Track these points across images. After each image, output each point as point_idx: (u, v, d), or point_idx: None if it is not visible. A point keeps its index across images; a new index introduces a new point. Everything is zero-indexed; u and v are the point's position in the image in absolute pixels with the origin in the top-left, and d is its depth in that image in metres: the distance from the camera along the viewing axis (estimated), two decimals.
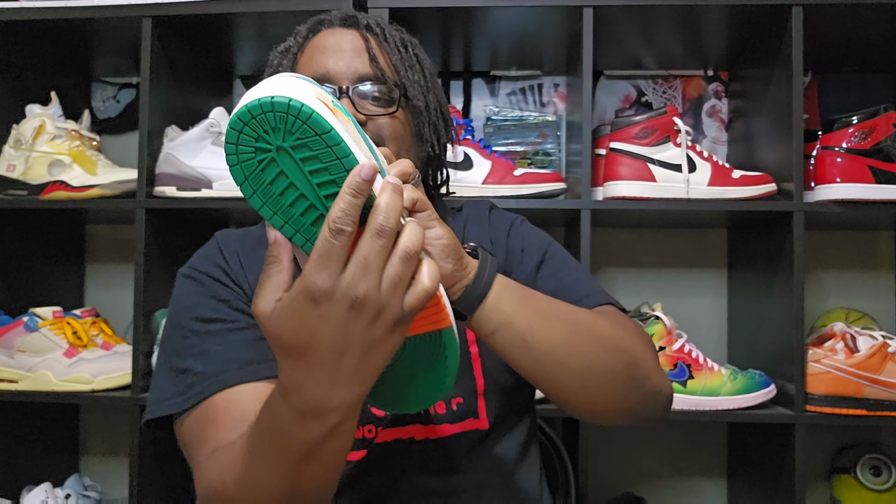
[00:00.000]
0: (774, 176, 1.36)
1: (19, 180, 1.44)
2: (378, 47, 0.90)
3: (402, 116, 0.89)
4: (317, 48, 0.90)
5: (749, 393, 1.30)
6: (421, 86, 0.92)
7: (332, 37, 0.90)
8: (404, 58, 0.92)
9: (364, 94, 0.87)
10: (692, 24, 1.40)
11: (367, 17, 0.93)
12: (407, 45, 0.94)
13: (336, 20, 0.92)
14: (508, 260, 0.94)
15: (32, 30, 1.45)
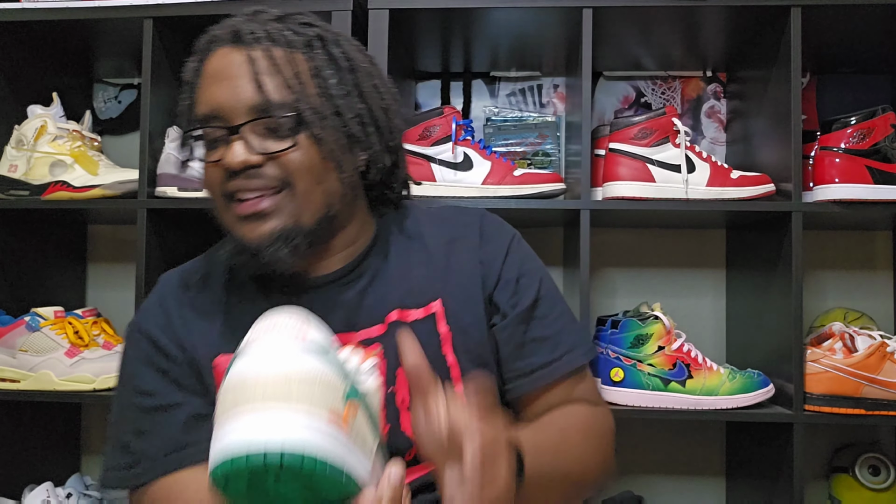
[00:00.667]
0: (773, 176, 1.36)
1: (21, 181, 1.44)
2: (270, 65, 0.79)
3: (307, 144, 0.80)
4: (209, 76, 0.81)
5: (748, 392, 1.31)
6: (335, 94, 0.82)
7: (223, 61, 0.81)
8: (310, 69, 0.81)
9: (258, 131, 0.79)
10: (691, 25, 1.40)
11: (260, 25, 0.81)
12: (312, 44, 0.83)
13: (226, 38, 0.81)
14: (499, 288, 0.90)
15: (34, 30, 1.46)
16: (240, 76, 0.79)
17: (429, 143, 1.38)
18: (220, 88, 0.79)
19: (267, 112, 0.78)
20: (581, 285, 1.29)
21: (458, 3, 1.34)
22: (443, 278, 0.89)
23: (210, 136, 0.81)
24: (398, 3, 1.34)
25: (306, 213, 0.81)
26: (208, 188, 0.83)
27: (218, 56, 0.81)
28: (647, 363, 1.33)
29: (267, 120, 0.79)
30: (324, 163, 0.81)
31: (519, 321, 0.89)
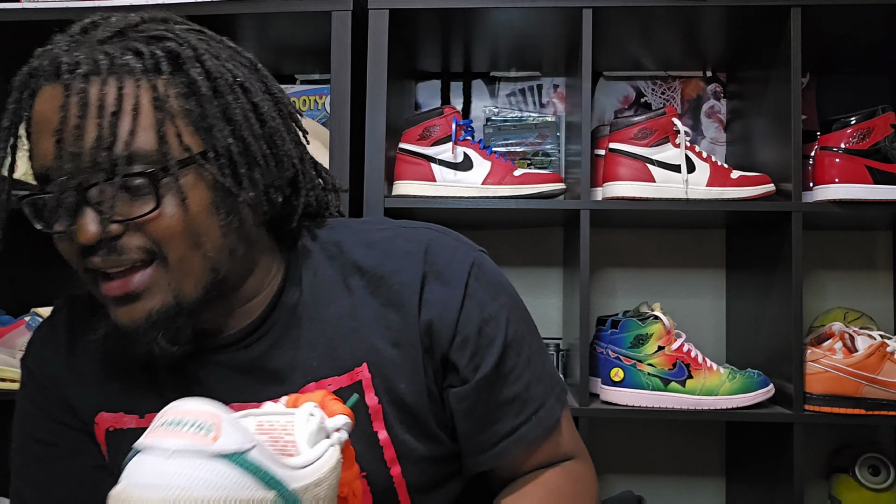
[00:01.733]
0: (773, 176, 1.36)
1: (21, 181, 1.44)
2: (110, 105, 0.61)
3: (173, 202, 0.62)
4: (38, 124, 0.66)
5: (747, 392, 1.31)
6: (192, 132, 0.64)
7: (50, 103, 0.64)
8: (161, 96, 0.63)
9: (109, 194, 0.61)
10: (691, 25, 1.40)
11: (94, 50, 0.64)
12: (178, 56, 0.66)
13: (50, 73, 0.65)
14: (456, 346, 0.71)
15: (34, 30, 1.45)
16: (78, 117, 0.61)
17: (429, 144, 1.38)
18: (50, 141, 0.62)
19: (115, 168, 0.60)
20: (581, 285, 1.29)
21: (458, 3, 1.34)
22: (371, 333, 0.71)
23: (45, 205, 0.67)
24: (398, 3, 1.34)
25: (188, 285, 0.65)
26: (69, 261, 0.68)
27: (43, 97, 0.65)
28: (647, 363, 1.33)
29: (120, 178, 0.60)
30: (198, 219, 0.64)
31: (482, 387, 0.72)
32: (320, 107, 1.66)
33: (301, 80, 1.73)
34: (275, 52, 1.59)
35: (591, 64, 1.31)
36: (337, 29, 1.34)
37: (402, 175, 1.39)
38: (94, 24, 0.68)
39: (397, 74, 1.44)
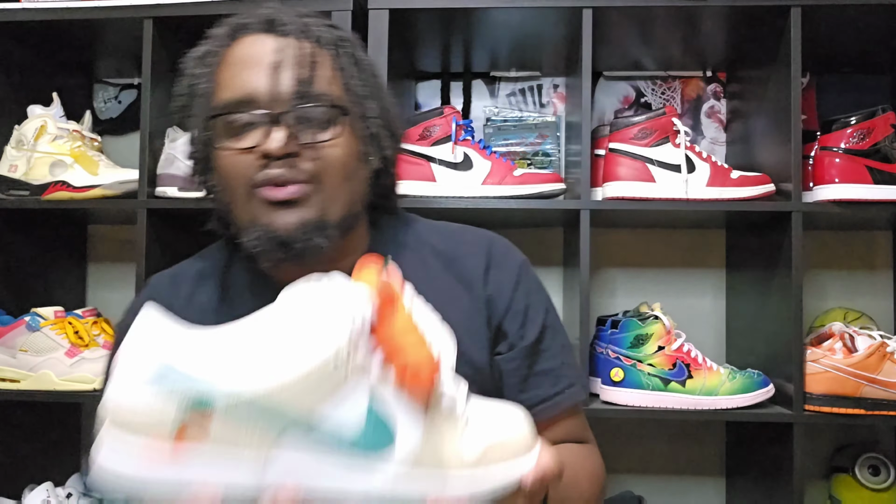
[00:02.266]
0: (773, 176, 1.36)
1: (21, 181, 1.44)
2: (309, 56, 0.78)
3: (346, 139, 0.79)
4: (240, 61, 0.78)
5: (747, 392, 1.31)
6: (359, 94, 0.81)
7: (255, 46, 0.78)
8: (341, 63, 0.81)
9: (300, 120, 0.76)
10: (691, 25, 1.40)
11: (292, 18, 0.80)
12: (338, 45, 0.81)
13: (258, 25, 0.79)
14: (509, 317, 0.85)
15: (34, 30, 1.46)
16: (278, 60, 0.76)
17: (429, 143, 1.38)
18: (256, 73, 0.76)
19: (310, 100, 0.76)
20: (581, 285, 1.29)
21: (458, 3, 1.34)
22: (443, 298, 0.79)
23: (239, 122, 0.77)
24: (398, 3, 1.34)
25: (333, 209, 0.79)
26: (229, 177, 0.78)
27: (249, 42, 0.79)
28: (647, 363, 1.33)
29: (311, 110, 0.76)
30: (351, 161, 0.80)
31: (526, 354, 0.86)
32: None
33: None
34: None
35: (591, 64, 1.31)
36: None
37: (402, 175, 1.38)
38: (281, 9, 0.82)
39: (397, 74, 1.44)
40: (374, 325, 0.52)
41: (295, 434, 0.50)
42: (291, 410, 0.49)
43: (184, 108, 0.84)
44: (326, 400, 0.50)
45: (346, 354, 0.50)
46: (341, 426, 0.51)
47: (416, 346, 0.53)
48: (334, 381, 0.50)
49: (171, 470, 0.48)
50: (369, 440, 0.51)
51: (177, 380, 0.48)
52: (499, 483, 0.55)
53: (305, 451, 0.50)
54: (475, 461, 0.54)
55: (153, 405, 0.48)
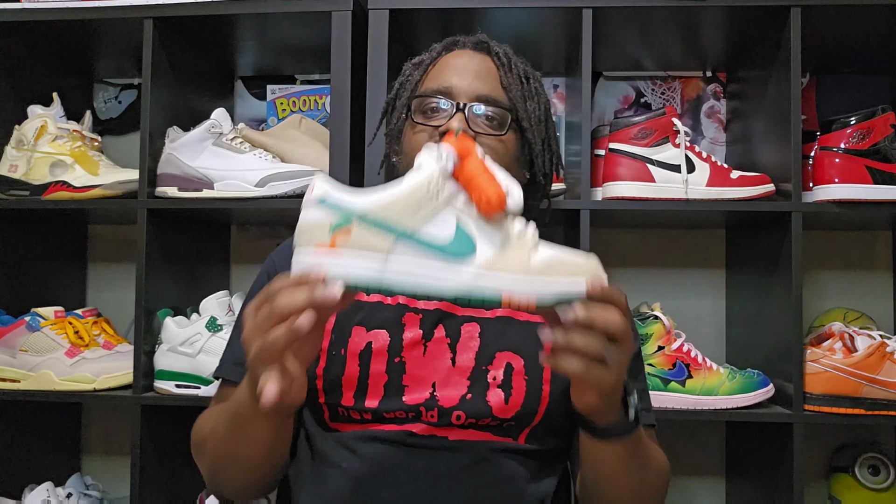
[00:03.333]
0: (773, 176, 1.36)
1: (21, 181, 1.45)
2: (501, 74, 0.99)
3: (508, 141, 0.97)
4: (446, 65, 1.00)
5: (747, 392, 1.31)
6: (535, 117, 1.01)
7: (462, 57, 1.00)
8: (525, 88, 1.01)
9: (478, 113, 0.96)
10: (691, 25, 1.40)
11: (497, 46, 1.02)
12: (529, 77, 1.03)
13: (469, 43, 1.02)
14: None
15: (34, 30, 1.46)
16: (478, 71, 0.98)
17: None
18: (457, 76, 0.97)
19: (491, 103, 0.96)
20: None
21: (458, 3, 1.34)
22: None
23: (432, 104, 0.97)
24: (398, 3, 1.34)
25: None
26: (412, 147, 0.97)
27: (458, 53, 1.01)
28: (647, 363, 1.33)
29: (488, 108, 0.96)
30: (512, 160, 0.98)
31: None
32: (320, 107, 1.66)
33: (301, 80, 1.73)
34: (275, 52, 1.59)
35: (591, 64, 1.31)
36: (337, 29, 1.34)
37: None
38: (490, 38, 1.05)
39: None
40: (457, 169, 0.70)
41: (404, 242, 0.68)
42: (399, 223, 0.68)
43: (394, 98, 1.06)
44: (425, 217, 0.69)
45: (436, 182, 0.69)
46: (437, 238, 0.69)
47: (487, 182, 0.70)
48: (429, 203, 0.69)
49: (329, 259, 0.68)
50: (457, 249, 0.69)
51: (331, 203, 0.69)
52: (562, 290, 0.68)
53: (412, 255, 0.68)
54: (541, 271, 0.68)
55: (311, 219, 0.69)
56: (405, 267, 0.68)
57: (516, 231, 0.71)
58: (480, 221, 0.70)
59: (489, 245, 0.69)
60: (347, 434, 0.92)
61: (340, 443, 0.92)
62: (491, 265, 0.68)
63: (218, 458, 0.90)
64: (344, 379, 0.92)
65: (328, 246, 0.68)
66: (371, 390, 0.91)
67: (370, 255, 0.68)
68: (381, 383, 0.91)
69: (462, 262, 0.68)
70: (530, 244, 0.71)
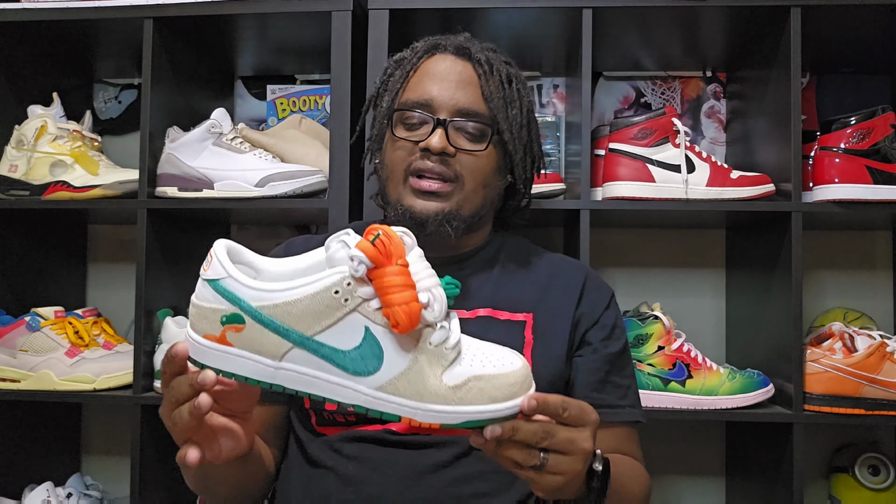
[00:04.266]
0: (773, 176, 1.36)
1: (21, 181, 1.45)
2: (483, 83, 0.97)
3: (488, 153, 0.97)
4: (427, 72, 0.99)
5: (747, 392, 1.31)
6: (516, 123, 1.00)
7: (444, 63, 0.99)
8: (506, 94, 0.99)
9: (458, 128, 0.96)
10: (691, 25, 1.40)
11: (479, 51, 1.00)
12: (512, 80, 1.01)
13: (451, 47, 1.00)
14: (595, 329, 1.00)
15: (34, 30, 1.46)
16: (460, 81, 0.97)
17: None
18: (438, 86, 0.96)
19: (472, 116, 0.96)
20: None
21: (458, 3, 1.34)
22: (539, 300, 0.99)
23: (413, 119, 0.97)
24: (398, 3, 1.34)
25: (466, 207, 0.97)
26: (393, 160, 0.98)
27: (440, 59, 0.99)
28: (647, 363, 1.33)
29: (469, 124, 0.96)
30: (490, 172, 0.98)
31: (606, 360, 0.99)
32: (320, 107, 1.66)
33: (301, 80, 1.73)
34: (275, 52, 1.59)
35: (591, 64, 1.31)
36: (337, 29, 1.34)
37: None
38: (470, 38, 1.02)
39: None
40: (372, 273, 0.64)
41: (302, 350, 0.64)
42: (299, 328, 0.63)
43: (375, 98, 1.05)
44: (329, 324, 0.64)
45: (345, 286, 0.63)
46: (340, 346, 0.64)
47: (402, 302, 0.63)
48: (336, 310, 0.63)
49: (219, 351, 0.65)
50: (361, 362, 0.64)
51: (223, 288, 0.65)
52: (469, 418, 0.64)
53: (309, 362, 0.64)
54: (451, 395, 0.64)
55: (208, 302, 0.65)
56: (302, 371, 0.64)
57: (433, 343, 0.65)
58: (391, 334, 0.64)
59: (398, 358, 0.64)
60: (334, 437, 0.93)
61: (328, 445, 0.93)
62: (395, 385, 0.64)
63: (195, 489, 0.91)
64: None
65: (217, 339, 0.64)
66: None
67: (263, 356, 0.64)
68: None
69: (363, 377, 0.64)
70: (447, 359, 0.65)
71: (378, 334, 0.64)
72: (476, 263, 1.04)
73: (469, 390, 0.64)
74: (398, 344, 0.64)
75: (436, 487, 0.89)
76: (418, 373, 0.64)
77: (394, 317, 0.63)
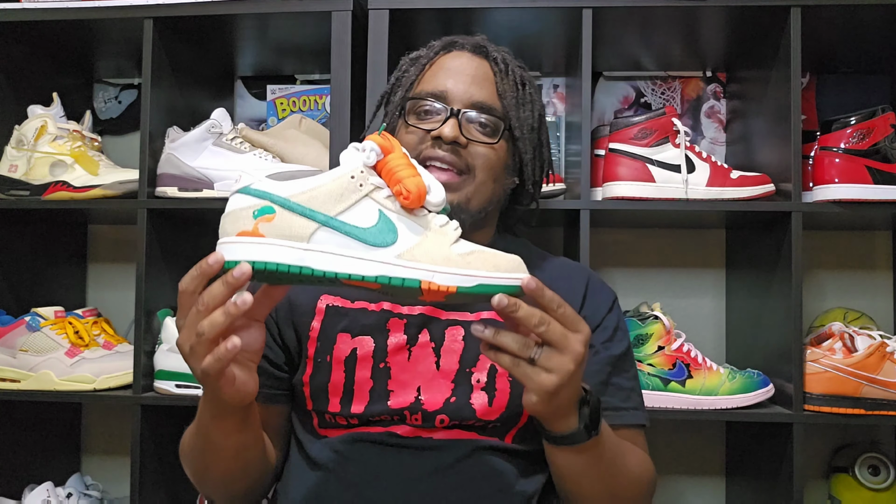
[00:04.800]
0: (773, 176, 1.36)
1: (21, 181, 1.45)
2: (498, 80, 0.98)
3: (499, 148, 0.97)
4: (443, 67, 0.99)
5: (747, 392, 1.31)
6: (528, 125, 1.00)
7: (460, 59, 1.00)
8: (520, 96, 1.00)
9: (471, 120, 0.96)
10: (691, 25, 1.40)
11: (495, 51, 1.01)
12: (525, 83, 1.02)
13: (468, 45, 1.01)
14: (598, 331, 1.00)
15: (34, 31, 1.46)
16: (475, 76, 0.98)
17: None
18: (453, 79, 0.97)
19: (485, 110, 0.96)
20: None
21: (458, 3, 1.34)
22: None
23: (426, 107, 0.97)
24: (398, 3, 1.34)
25: (474, 200, 0.96)
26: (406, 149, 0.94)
27: (456, 55, 1.00)
28: (647, 363, 1.33)
29: (482, 116, 0.96)
30: (500, 167, 0.98)
31: (608, 362, 0.98)
32: (320, 107, 1.66)
33: (301, 80, 1.73)
34: (275, 52, 1.59)
35: (591, 64, 1.31)
36: (337, 29, 1.34)
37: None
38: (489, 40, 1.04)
39: None
40: (380, 163, 0.73)
41: (327, 228, 0.70)
42: (322, 210, 0.70)
43: (388, 94, 1.05)
44: (348, 205, 0.71)
45: (359, 174, 0.72)
46: (359, 224, 0.71)
47: (409, 176, 0.72)
48: (353, 192, 0.71)
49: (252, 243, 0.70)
50: (379, 236, 0.70)
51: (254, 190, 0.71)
52: (482, 280, 0.70)
53: (333, 239, 0.70)
54: (461, 261, 0.70)
55: (235, 207, 0.71)
56: (327, 249, 0.70)
57: (437, 224, 0.73)
58: (402, 213, 0.72)
59: (411, 234, 0.71)
60: (335, 439, 0.93)
61: (329, 447, 0.93)
62: (412, 253, 0.70)
63: (194, 471, 0.93)
64: (330, 386, 0.93)
65: (250, 232, 0.69)
66: (357, 396, 0.92)
67: (292, 240, 0.70)
68: (367, 389, 0.92)
69: (383, 248, 0.70)
70: (451, 237, 0.73)
71: (391, 216, 0.72)
72: None
73: (476, 258, 0.70)
74: (409, 223, 0.72)
75: (437, 491, 0.89)
76: (432, 242, 0.71)
77: (405, 187, 0.71)
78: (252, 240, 0.69)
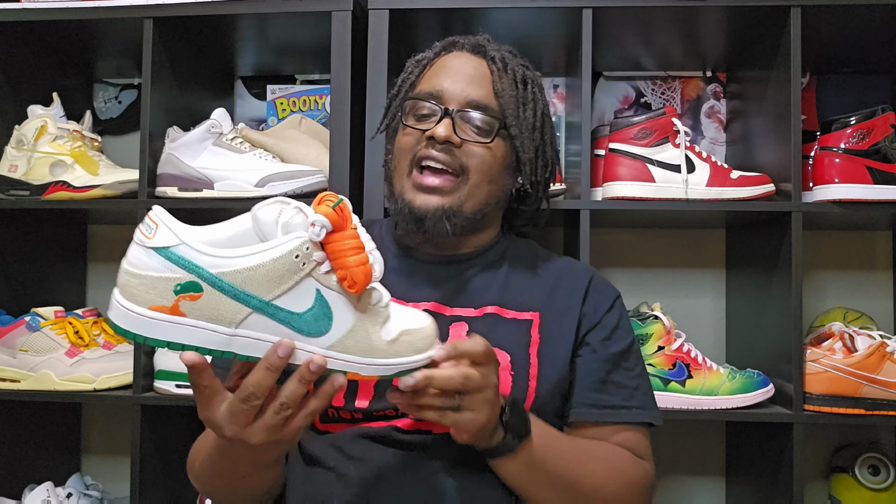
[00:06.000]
0: (773, 176, 1.36)
1: (21, 181, 1.45)
2: (495, 79, 0.98)
3: (496, 148, 0.96)
4: (442, 67, 1.00)
5: (747, 392, 1.31)
6: (528, 124, 0.99)
7: (458, 59, 1.00)
8: (520, 95, 0.99)
9: (466, 119, 0.95)
10: (691, 25, 1.40)
11: (494, 50, 1.01)
12: (527, 82, 1.01)
13: (468, 45, 1.01)
14: (596, 330, 0.99)
15: (34, 31, 1.46)
16: (473, 76, 0.97)
17: None
18: (450, 80, 0.97)
19: (480, 110, 0.95)
20: None
21: (458, 3, 1.34)
22: (545, 300, 1.00)
23: (423, 109, 0.97)
24: (398, 3, 1.34)
25: (470, 202, 0.96)
26: (400, 149, 0.98)
27: (455, 55, 1.00)
28: (647, 363, 1.32)
29: (476, 115, 0.95)
30: (497, 167, 0.97)
31: (606, 360, 0.98)
32: (320, 107, 1.66)
33: (301, 80, 1.73)
34: (275, 52, 1.59)
35: (591, 64, 1.31)
36: (337, 29, 1.34)
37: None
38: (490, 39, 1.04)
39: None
40: (327, 240, 0.67)
41: (260, 315, 0.65)
42: (258, 293, 0.65)
43: (395, 96, 1.05)
44: (287, 288, 0.66)
45: (304, 251, 0.66)
46: (294, 310, 0.66)
47: (357, 264, 0.67)
48: (295, 274, 0.66)
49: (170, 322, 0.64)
50: (312, 324, 0.67)
51: (176, 256, 0.63)
52: (402, 368, 0.71)
53: (264, 327, 0.66)
54: (387, 349, 0.70)
55: (157, 271, 0.63)
56: (256, 336, 0.66)
57: (373, 302, 0.71)
58: (342, 293, 0.68)
59: (345, 316, 0.69)
60: (337, 434, 0.92)
61: (329, 443, 0.92)
62: (343, 344, 0.68)
63: (205, 492, 0.95)
64: None
65: (168, 309, 0.63)
66: (361, 390, 0.92)
67: (219, 324, 0.64)
68: (372, 383, 0.92)
69: (316, 337, 0.67)
70: (383, 316, 0.71)
71: (327, 296, 0.68)
72: (482, 263, 1.03)
73: (401, 344, 0.71)
74: (344, 305, 0.69)
75: (439, 489, 0.89)
76: (363, 330, 0.69)
77: (352, 277, 0.67)
78: (170, 318, 0.63)
